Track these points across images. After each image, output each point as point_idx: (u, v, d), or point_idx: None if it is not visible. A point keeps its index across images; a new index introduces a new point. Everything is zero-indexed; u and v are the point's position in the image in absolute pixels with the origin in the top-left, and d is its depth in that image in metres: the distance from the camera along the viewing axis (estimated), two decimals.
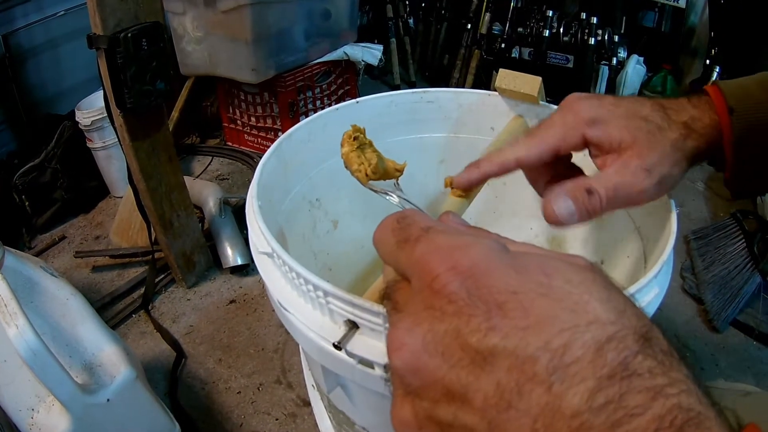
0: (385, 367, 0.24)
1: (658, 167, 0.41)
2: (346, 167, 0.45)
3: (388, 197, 0.43)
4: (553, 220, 0.40)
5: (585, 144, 0.43)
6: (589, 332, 0.18)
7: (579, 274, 0.21)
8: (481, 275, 0.20)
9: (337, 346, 0.36)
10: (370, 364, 0.37)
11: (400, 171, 0.47)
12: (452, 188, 0.49)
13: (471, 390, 0.19)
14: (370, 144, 0.45)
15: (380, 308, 0.34)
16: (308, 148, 0.65)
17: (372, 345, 0.36)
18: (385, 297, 0.25)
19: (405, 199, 0.43)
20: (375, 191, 0.44)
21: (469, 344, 0.19)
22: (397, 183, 0.47)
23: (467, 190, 0.48)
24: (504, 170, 0.46)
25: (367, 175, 0.42)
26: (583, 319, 0.19)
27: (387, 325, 0.35)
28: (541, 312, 0.19)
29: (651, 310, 0.42)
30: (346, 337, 0.36)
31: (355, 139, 0.43)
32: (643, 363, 0.18)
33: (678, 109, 0.44)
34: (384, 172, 0.45)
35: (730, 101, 0.42)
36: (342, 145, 0.45)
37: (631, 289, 0.39)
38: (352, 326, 0.37)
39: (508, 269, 0.21)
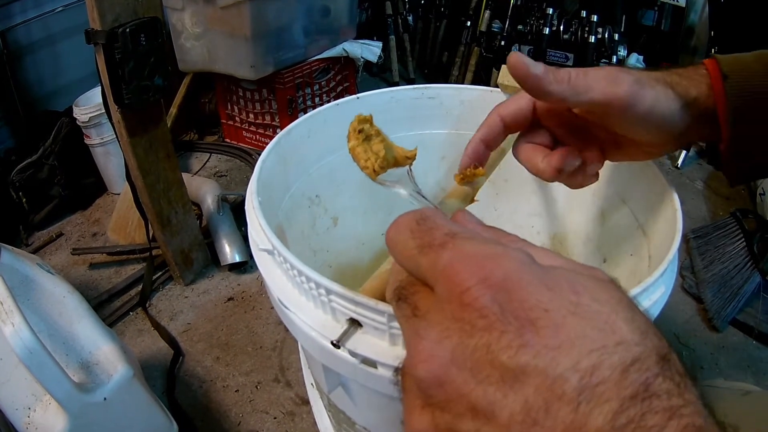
0: (396, 370, 0.23)
1: (644, 79, 0.39)
2: (355, 161, 0.43)
3: (397, 190, 0.42)
4: (514, 64, 0.37)
5: None
6: (617, 353, 0.19)
7: (606, 292, 0.21)
8: (513, 290, 0.20)
9: (336, 344, 0.35)
10: (373, 364, 0.36)
11: (411, 158, 0.45)
12: (462, 175, 0.50)
13: (498, 407, 0.19)
14: (378, 133, 0.44)
15: (384, 307, 0.34)
16: (308, 145, 0.64)
17: (375, 344, 0.36)
18: (401, 298, 0.24)
19: (417, 192, 0.42)
20: (384, 185, 0.43)
21: (500, 361, 0.19)
22: (410, 170, 0.45)
23: (477, 166, 0.49)
24: (492, 131, 0.47)
25: (375, 171, 0.41)
26: (611, 339, 0.19)
27: (392, 323, 0.35)
28: (571, 331, 0.19)
29: (657, 309, 0.42)
30: (345, 335, 0.35)
31: (360, 132, 0.42)
32: (662, 385, 0.18)
33: (661, 72, 0.41)
34: (394, 162, 0.43)
35: (724, 68, 0.40)
36: (348, 139, 0.44)
37: (638, 288, 0.38)
38: (352, 324, 0.36)
39: (540, 285, 0.20)
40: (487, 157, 0.50)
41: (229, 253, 1.33)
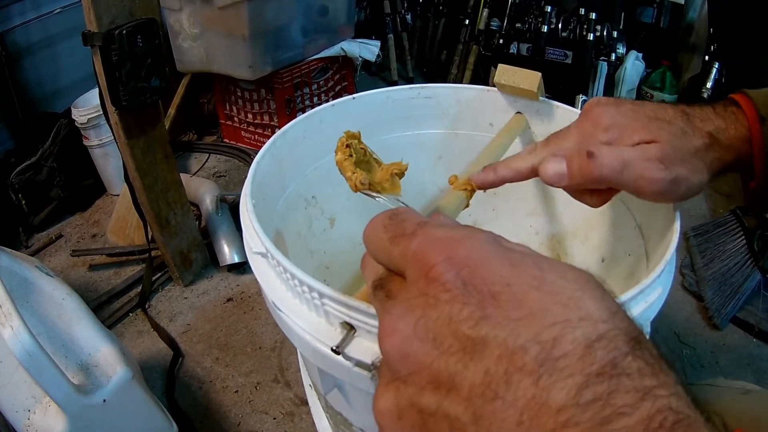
0: (372, 364, 0.24)
1: (677, 165, 0.40)
2: (341, 173, 0.44)
3: (380, 200, 0.42)
4: (543, 180, 0.42)
5: None
6: (580, 328, 0.18)
7: (573, 273, 0.21)
8: (476, 266, 0.21)
9: (336, 351, 0.35)
10: (366, 367, 0.36)
11: (399, 173, 0.45)
12: (465, 184, 0.50)
13: (458, 378, 0.19)
14: (365, 152, 0.44)
15: None
16: (304, 145, 0.64)
17: (368, 347, 0.36)
18: (378, 288, 0.25)
19: (401, 202, 0.43)
20: (368, 195, 0.44)
21: (461, 332, 0.19)
22: (399, 200, 0.46)
23: (481, 188, 0.50)
24: (520, 177, 0.48)
25: (356, 185, 0.41)
26: (575, 314, 0.19)
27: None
28: (533, 304, 0.19)
29: (655, 311, 0.41)
30: (345, 341, 0.35)
31: (347, 146, 0.42)
32: (633, 364, 0.18)
33: (703, 117, 0.42)
34: (380, 187, 0.44)
35: (762, 110, 0.41)
36: (336, 152, 0.44)
37: (635, 290, 0.38)
38: (350, 329, 0.36)
39: (504, 261, 0.21)
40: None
41: (228, 253, 1.33)
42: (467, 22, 2.11)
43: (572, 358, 0.18)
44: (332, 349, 0.36)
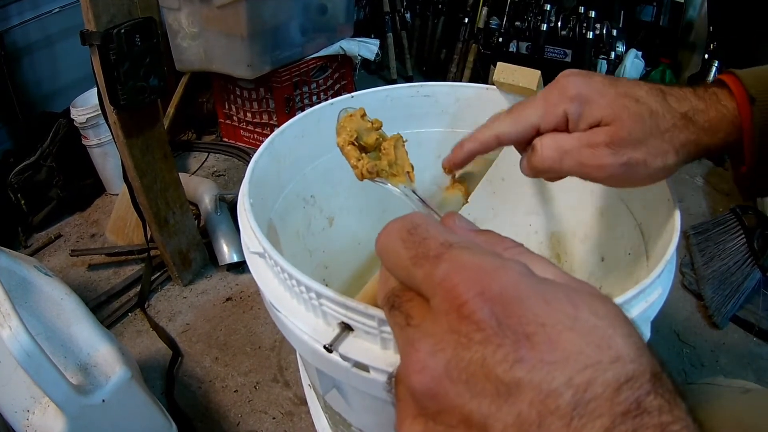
0: (389, 377, 0.23)
1: (630, 149, 0.39)
2: (344, 157, 0.43)
3: (389, 187, 0.41)
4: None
5: (566, 122, 0.42)
6: (611, 370, 0.19)
7: (603, 306, 0.21)
8: (510, 303, 0.20)
9: (328, 348, 0.35)
10: (365, 368, 0.36)
11: (411, 173, 0.45)
12: (446, 172, 0.51)
13: (491, 420, 0.19)
14: (372, 126, 0.43)
15: (375, 311, 0.33)
16: (302, 144, 0.64)
17: (367, 348, 0.36)
18: (394, 306, 0.24)
19: (413, 191, 0.42)
20: (374, 181, 0.43)
21: (495, 374, 0.19)
22: (410, 190, 0.45)
23: (455, 167, 0.50)
24: (486, 147, 0.47)
25: (363, 174, 0.40)
26: (606, 355, 0.19)
27: (383, 328, 0.34)
28: (567, 346, 0.19)
29: (654, 311, 0.41)
30: (337, 340, 0.35)
31: (353, 143, 0.41)
32: (654, 402, 0.19)
33: (680, 97, 0.41)
34: (389, 173, 0.43)
35: (751, 90, 0.40)
36: (337, 134, 0.43)
37: (635, 290, 0.38)
38: (345, 328, 0.36)
39: (538, 298, 0.20)
40: (471, 161, 0.51)
41: (227, 252, 1.33)
42: (466, 20, 2.11)
43: (602, 399, 0.18)
44: (324, 347, 0.35)
